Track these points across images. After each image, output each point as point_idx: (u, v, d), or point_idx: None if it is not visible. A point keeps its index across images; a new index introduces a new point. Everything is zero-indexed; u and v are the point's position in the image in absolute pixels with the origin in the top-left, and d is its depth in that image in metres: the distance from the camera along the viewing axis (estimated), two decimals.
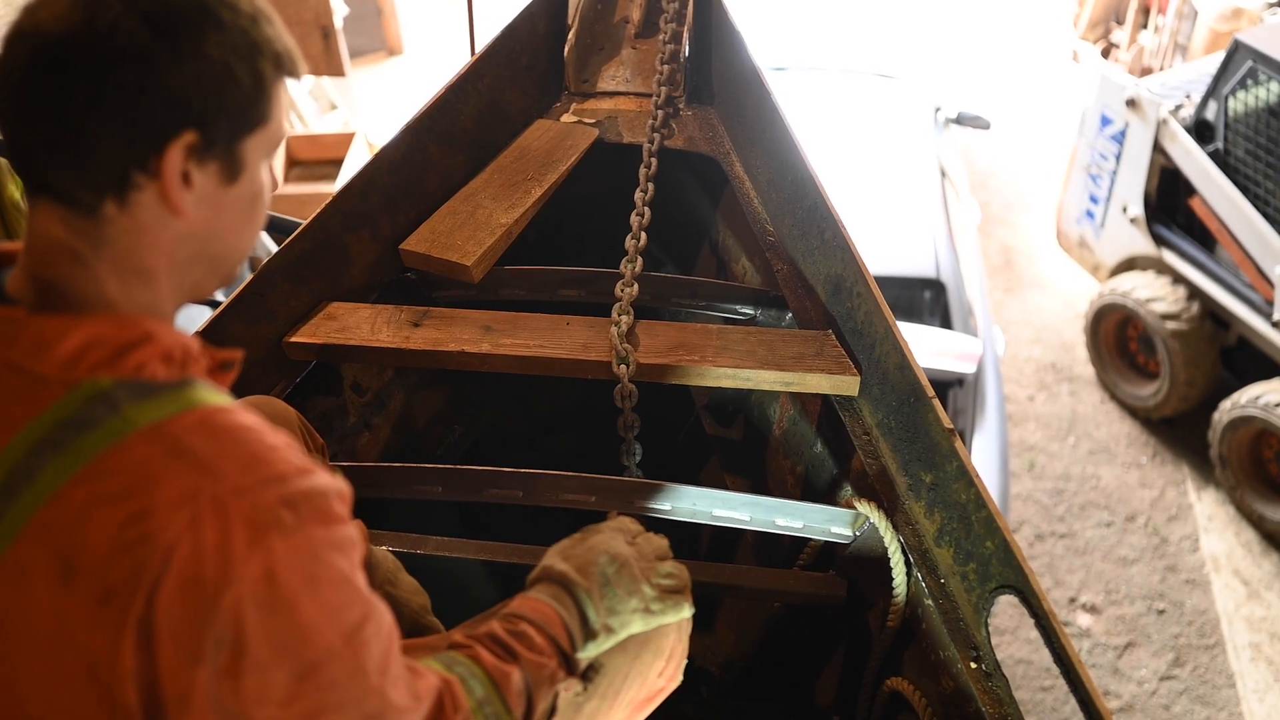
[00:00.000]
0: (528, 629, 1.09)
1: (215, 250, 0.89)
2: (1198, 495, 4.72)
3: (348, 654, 0.80)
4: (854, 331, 1.67)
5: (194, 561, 0.73)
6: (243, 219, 0.90)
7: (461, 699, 0.98)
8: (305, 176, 5.40)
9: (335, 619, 0.79)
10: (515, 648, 1.06)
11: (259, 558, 0.75)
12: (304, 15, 5.19)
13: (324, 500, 0.80)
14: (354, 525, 0.85)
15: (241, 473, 0.77)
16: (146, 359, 0.81)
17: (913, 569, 1.53)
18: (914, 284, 4.03)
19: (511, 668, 1.04)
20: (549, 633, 1.10)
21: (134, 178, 0.81)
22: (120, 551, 0.73)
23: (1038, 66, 8.11)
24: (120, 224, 0.82)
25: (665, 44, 2.03)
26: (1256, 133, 4.15)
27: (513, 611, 1.11)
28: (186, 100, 0.80)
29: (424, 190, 1.95)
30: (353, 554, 0.83)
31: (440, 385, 2.23)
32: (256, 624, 0.75)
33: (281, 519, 0.76)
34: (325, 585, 0.79)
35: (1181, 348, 4.61)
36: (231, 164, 0.86)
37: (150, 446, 0.77)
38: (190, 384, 0.83)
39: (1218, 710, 3.93)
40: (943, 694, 1.48)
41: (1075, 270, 5.63)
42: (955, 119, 5.15)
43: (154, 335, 0.83)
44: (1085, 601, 4.30)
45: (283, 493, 0.77)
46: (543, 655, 1.08)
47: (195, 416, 0.79)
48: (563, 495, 1.64)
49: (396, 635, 0.88)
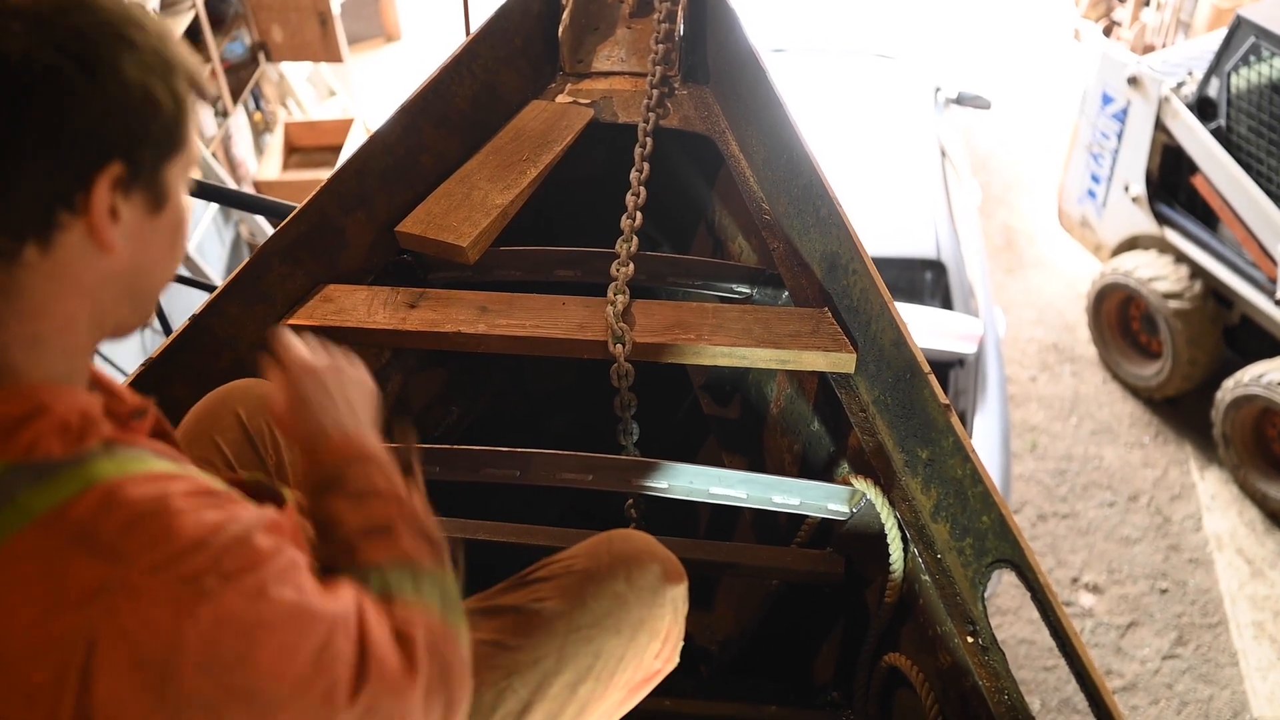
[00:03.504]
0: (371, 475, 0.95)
1: (141, 285, 0.85)
2: (1200, 474, 4.72)
3: (323, 673, 0.76)
4: (850, 309, 1.67)
5: (125, 650, 0.69)
6: (168, 249, 0.86)
7: (431, 608, 0.90)
8: (304, 163, 5.40)
9: (296, 653, 0.75)
10: (384, 519, 0.92)
11: (191, 629, 0.70)
12: (301, 2, 5.19)
13: (246, 547, 0.75)
14: (285, 538, 0.79)
15: (151, 550, 0.71)
16: (39, 436, 0.75)
17: (909, 545, 1.54)
18: (915, 265, 4.02)
19: (388, 541, 0.91)
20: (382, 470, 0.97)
21: (59, 217, 0.76)
22: (37, 652, 0.69)
23: (1039, 45, 8.06)
24: (41, 270, 0.77)
25: (660, 23, 2.02)
26: (1259, 109, 4.12)
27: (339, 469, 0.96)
28: (110, 129, 0.76)
29: (419, 172, 1.95)
30: (295, 575, 0.78)
31: (437, 367, 2.23)
32: (210, 687, 0.71)
33: (205, 586, 0.71)
34: (276, 627, 0.74)
35: (1184, 327, 4.60)
36: (157, 193, 0.81)
37: (50, 538, 0.71)
38: (90, 456, 0.75)
39: (1221, 688, 3.94)
40: (940, 669, 1.49)
41: (1077, 250, 5.61)
42: (955, 99, 5.13)
43: (46, 407, 0.76)
44: (1088, 581, 4.30)
45: (200, 559, 0.72)
46: (393, 500, 0.95)
47: (95, 495, 0.73)
48: (560, 474, 1.64)
49: (370, 613, 0.83)
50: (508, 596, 1.26)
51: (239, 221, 5.19)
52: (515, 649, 1.19)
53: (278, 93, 5.87)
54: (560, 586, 1.24)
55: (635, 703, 1.32)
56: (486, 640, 1.19)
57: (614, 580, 1.24)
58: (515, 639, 1.19)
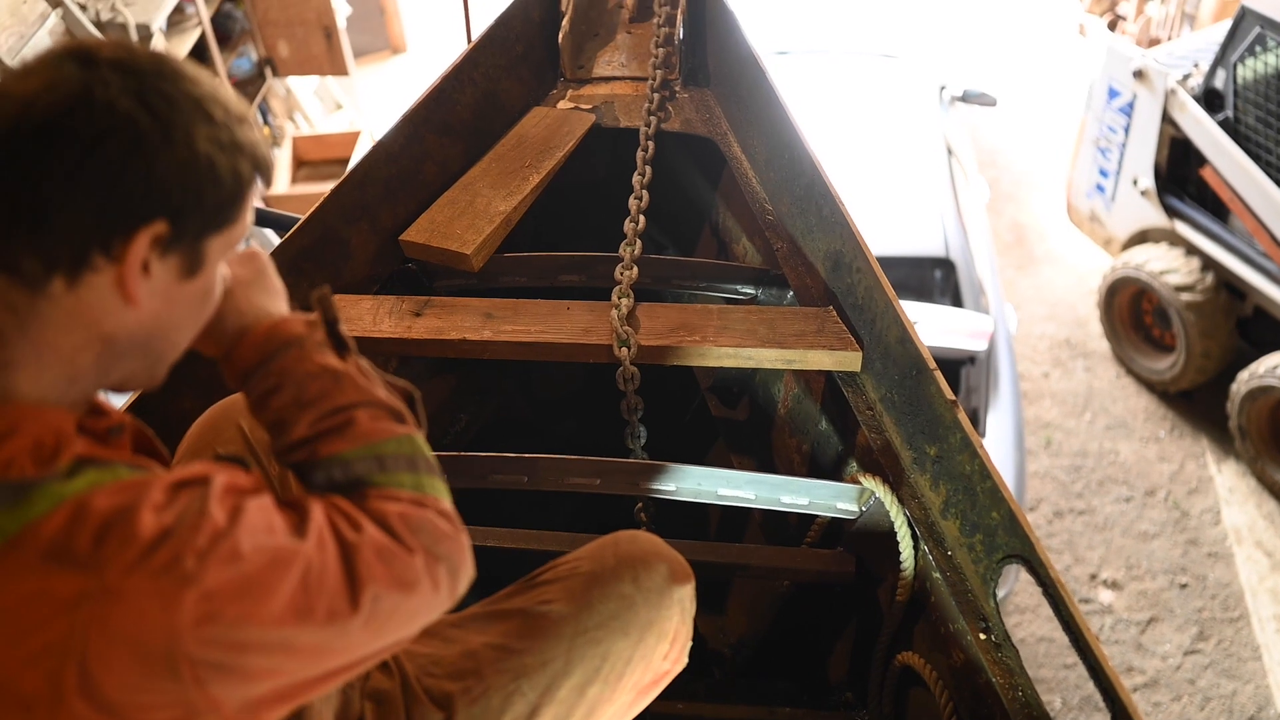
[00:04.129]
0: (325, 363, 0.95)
1: (155, 346, 0.86)
2: (1218, 468, 4.68)
3: (318, 595, 0.79)
4: (855, 307, 1.67)
5: (122, 647, 0.72)
6: (190, 316, 0.88)
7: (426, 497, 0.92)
8: (312, 176, 5.42)
9: (286, 590, 0.77)
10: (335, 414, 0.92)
11: (183, 613, 0.73)
12: (306, 16, 5.22)
13: (208, 519, 0.76)
14: (246, 491, 0.81)
15: (121, 553, 0.73)
16: (14, 455, 0.76)
17: (920, 542, 1.53)
18: (924, 263, 4.00)
19: (342, 429, 0.91)
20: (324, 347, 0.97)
21: (93, 258, 0.78)
22: (24, 665, 0.71)
23: (1043, 41, 8.03)
24: (62, 304, 0.79)
25: (660, 27, 2.03)
26: (1266, 99, 4.09)
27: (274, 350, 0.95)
28: (167, 189, 0.78)
29: (422, 180, 1.96)
30: (261, 520, 0.79)
31: (444, 375, 2.24)
32: (220, 653, 0.74)
33: (183, 570, 0.73)
34: (261, 577, 0.76)
35: (1197, 319, 4.56)
36: (193, 260, 0.84)
37: (24, 555, 0.73)
38: (60, 474, 0.77)
39: (1244, 683, 3.90)
40: (953, 666, 1.48)
41: (1087, 245, 5.58)
42: (961, 97, 5.11)
43: (19, 427, 0.78)
44: (1106, 578, 4.27)
45: (170, 548, 0.74)
46: (331, 379, 0.94)
47: (64, 511, 0.74)
48: (567, 479, 1.64)
49: (334, 508, 0.84)
50: (514, 600, 1.26)
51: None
52: (522, 652, 1.19)
53: (285, 107, 5.90)
54: (566, 589, 1.24)
55: (644, 704, 1.32)
56: (494, 644, 1.19)
57: (620, 582, 1.24)
58: (522, 642, 1.19)
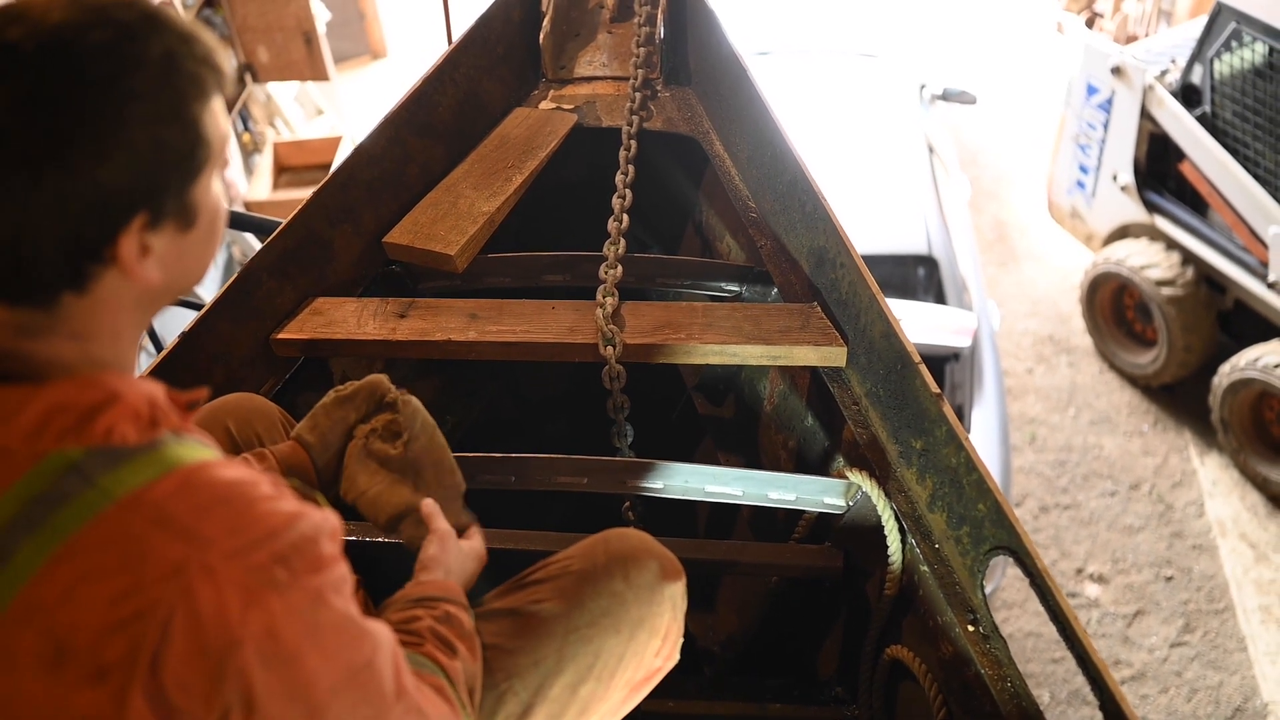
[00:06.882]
0: (455, 612, 1.10)
1: (182, 284, 0.87)
2: (1201, 460, 4.72)
3: (358, 689, 0.81)
4: (839, 302, 1.67)
5: (194, 631, 0.72)
6: (205, 246, 0.87)
7: (452, 696, 1.00)
8: (294, 182, 5.40)
9: (340, 660, 0.79)
10: (452, 640, 1.06)
11: (258, 618, 0.74)
12: (286, 21, 5.20)
13: (315, 547, 0.79)
14: (340, 551, 0.84)
15: (229, 535, 0.74)
16: (115, 421, 0.77)
17: (907, 536, 1.53)
18: (906, 261, 4.02)
19: (456, 662, 1.04)
20: (462, 609, 1.12)
21: (89, 269, 0.78)
22: (113, 630, 0.71)
23: (1022, 39, 8.09)
24: (81, 305, 0.80)
25: (640, 27, 2.03)
26: (1243, 94, 4.13)
27: (434, 596, 1.12)
28: (128, 193, 0.76)
29: (405, 182, 1.95)
30: (346, 590, 0.82)
31: (430, 376, 2.23)
32: (264, 680, 0.74)
33: (275, 577, 0.75)
34: (327, 632, 0.78)
35: (1178, 313, 4.60)
36: (186, 215, 0.82)
37: (131, 519, 0.73)
38: (163, 443, 0.79)
39: (1230, 674, 3.93)
40: (942, 659, 1.48)
41: (1068, 241, 5.62)
42: (941, 95, 5.14)
43: (120, 394, 0.79)
44: (1092, 572, 4.29)
45: (274, 549, 0.76)
46: (470, 639, 1.09)
47: (175, 480, 0.76)
48: (555, 479, 1.64)
49: (401, 652, 0.90)
50: (505, 599, 1.25)
51: (231, 243, 5.19)
52: (514, 651, 1.18)
53: (265, 113, 5.87)
54: (558, 587, 1.24)
55: (637, 702, 1.31)
56: (485, 644, 1.19)
57: (611, 579, 1.24)
58: (514, 641, 1.19)
